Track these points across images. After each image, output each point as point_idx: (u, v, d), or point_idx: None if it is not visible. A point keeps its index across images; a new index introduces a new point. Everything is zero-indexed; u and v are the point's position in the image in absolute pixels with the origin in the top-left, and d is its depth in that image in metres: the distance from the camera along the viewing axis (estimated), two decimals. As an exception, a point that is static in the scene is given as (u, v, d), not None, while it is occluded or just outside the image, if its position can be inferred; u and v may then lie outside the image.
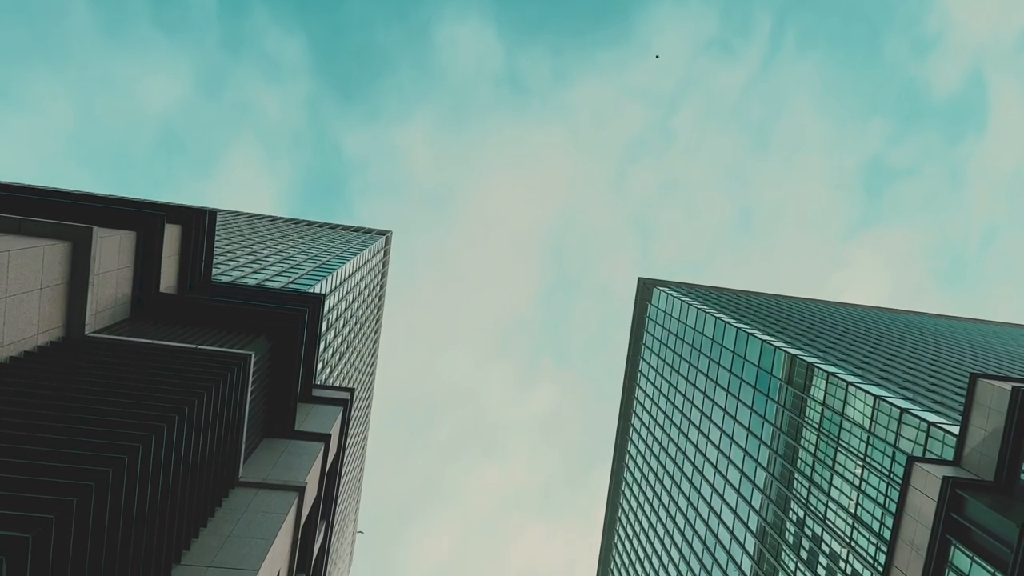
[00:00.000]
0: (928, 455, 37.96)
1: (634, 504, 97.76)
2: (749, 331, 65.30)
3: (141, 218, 20.67)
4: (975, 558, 27.02)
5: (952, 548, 28.26)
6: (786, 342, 61.72)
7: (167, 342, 18.36)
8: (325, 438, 23.51)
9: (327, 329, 68.98)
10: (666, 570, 79.93)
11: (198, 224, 24.08)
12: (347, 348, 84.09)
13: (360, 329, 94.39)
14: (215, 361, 17.25)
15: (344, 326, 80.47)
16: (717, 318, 73.07)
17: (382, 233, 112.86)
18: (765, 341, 61.24)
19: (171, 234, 22.64)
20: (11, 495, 10.02)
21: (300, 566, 23.89)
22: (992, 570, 25.81)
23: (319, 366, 65.03)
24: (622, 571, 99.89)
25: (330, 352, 72.99)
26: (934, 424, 38.23)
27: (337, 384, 78.32)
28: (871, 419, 44.78)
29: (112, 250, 18.85)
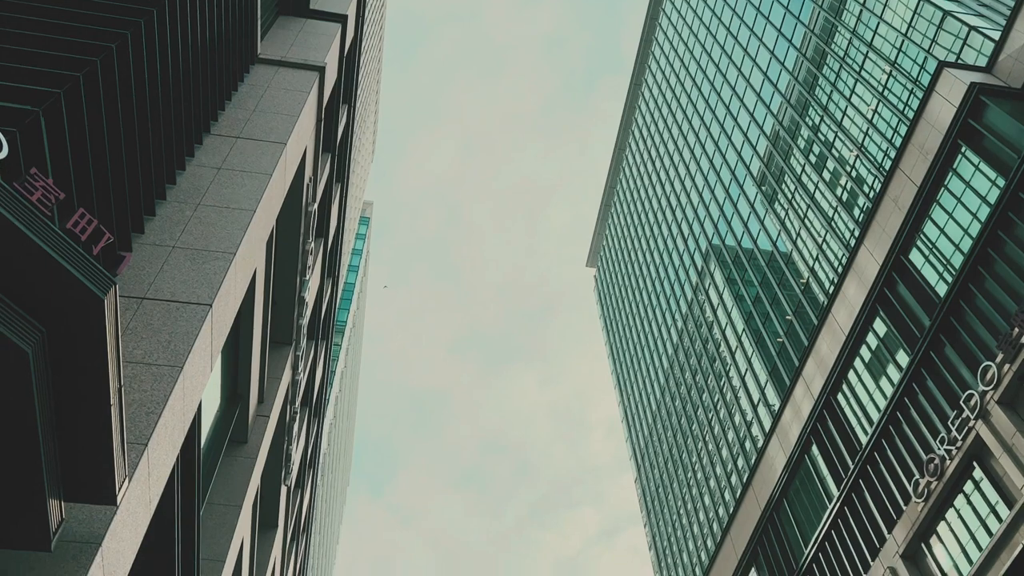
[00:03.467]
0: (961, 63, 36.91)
1: (652, 106, 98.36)
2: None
3: None
4: (980, 164, 27.63)
5: (960, 155, 28.78)
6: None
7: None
8: (342, 18, 22.82)
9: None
10: (676, 169, 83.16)
11: None
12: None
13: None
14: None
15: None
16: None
17: None
18: (814, -67, 56.01)
19: None
20: (42, 53, 10.03)
21: (326, 146, 24.89)
22: (995, 175, 26.55)
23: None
24: (636, 170, 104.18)
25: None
26: (975, 28, 36.54)
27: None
28: (909, 23, 42.73)
29: None
